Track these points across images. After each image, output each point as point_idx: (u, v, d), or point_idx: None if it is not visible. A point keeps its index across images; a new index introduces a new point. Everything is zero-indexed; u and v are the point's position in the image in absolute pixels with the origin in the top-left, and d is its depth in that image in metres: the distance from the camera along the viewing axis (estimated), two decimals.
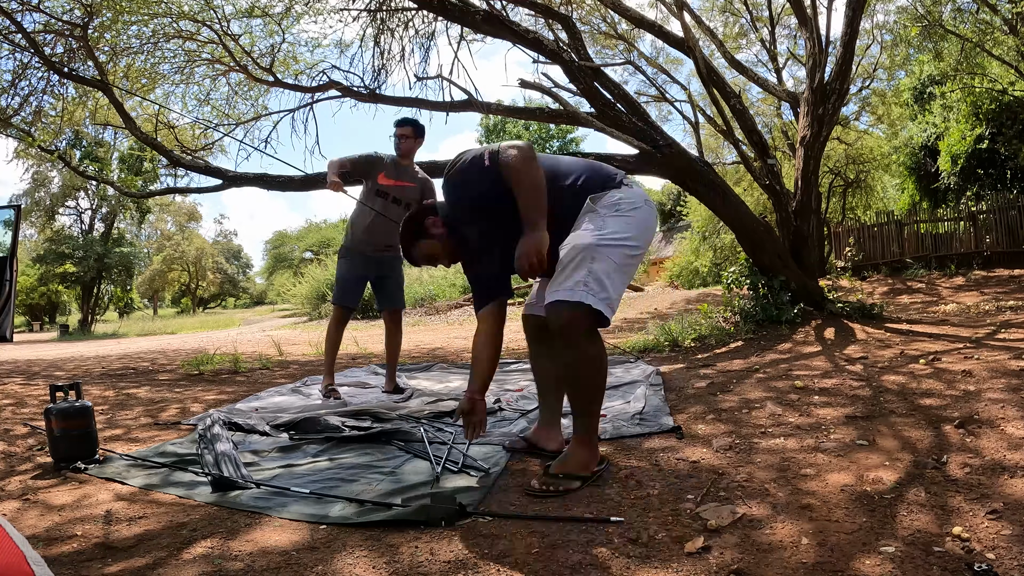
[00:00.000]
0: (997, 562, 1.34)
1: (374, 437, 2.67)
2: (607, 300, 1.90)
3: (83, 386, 3.57)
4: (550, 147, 33.15)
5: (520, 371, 4.54)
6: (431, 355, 6.13)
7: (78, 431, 2.43)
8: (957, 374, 3.08)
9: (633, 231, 2.00)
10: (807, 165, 6.27)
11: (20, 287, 26.72)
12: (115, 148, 15.38)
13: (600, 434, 2.50)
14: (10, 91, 7.05)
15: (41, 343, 16.20)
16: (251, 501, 1.97)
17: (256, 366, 5.65)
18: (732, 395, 3.12)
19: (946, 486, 1.78)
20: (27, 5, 6.33)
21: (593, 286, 1.88)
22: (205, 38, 7.25)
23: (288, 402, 3.70)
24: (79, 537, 1.75)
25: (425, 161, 6.07)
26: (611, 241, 1.94)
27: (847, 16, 6.04)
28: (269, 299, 43.64)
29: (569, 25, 5.92)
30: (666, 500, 1.82)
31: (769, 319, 5.32)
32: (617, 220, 1.99)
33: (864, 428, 2.38)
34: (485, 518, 1.75)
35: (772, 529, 1.59)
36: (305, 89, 7.08)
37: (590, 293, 1.87)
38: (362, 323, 14.57)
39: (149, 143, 6.80)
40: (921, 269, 11.25)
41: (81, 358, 8.19)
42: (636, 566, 1.43)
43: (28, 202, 25.13)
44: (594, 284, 1.88)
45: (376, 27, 7.35)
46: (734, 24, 14.01)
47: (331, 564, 1.52)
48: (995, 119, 11.87)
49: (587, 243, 1.93)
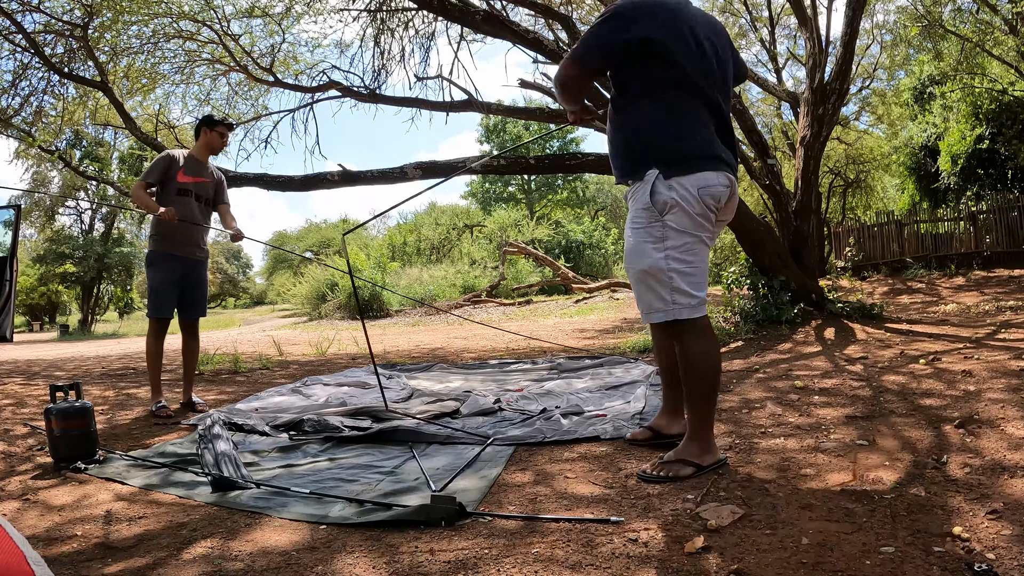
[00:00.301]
0: (997, 562, 1.34)
1: (374, 437, 2.67)
2: (690, 305, 1.95)
3: (83, 386, 3.58)
4: (550, 147, 33.16)
5: (520, 371, 4.54)
6: (431, 355, 6.13)
7: (78, 431, 2.43)
8: (957, 374, 3.08)
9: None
10: (807, 165, 6.27)
11: (20, 287, 26.73)
12: (115, 148, 15.38)
13: (600, 434, 2.51)
14: (10, 91, 7.06)
15: (41, 343, 16.20)
16: (251, 501, 1.97)
17: (256, 366, 5.65)
18: (732, 395, 3.12)
19: (946, 486, 1.78)
20: (27, 5, 6.34)
21: (680, 300, 1.95)
22: (205, 38, 7.26)
23: (288, 402, 3.69)
24: (79, 537, 1.75)
25: (425, 161, 6.08)
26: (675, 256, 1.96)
27: (847, 16, 6.04)
28: (269, 299, 43.63)
29: (569, 25, 5.92)
30: (666, 500, 1.82)
31: (769, 319, 5.32)
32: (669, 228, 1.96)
33: (864, 428, 2.38)
34: (485, 518, 1.75)
35: (772, 529, 1.59)
36: (305, 89, 7.09)
37: (680, 309, 1.96)
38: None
39: (149, 143, 6.80)
40: (921, 269, 11.25)
41: (81, 358, 8.19)
42: (636, 566, 1.43)
43: (28, 202, 25.12)
44: (680, 298, 1.95)
45: (376, 27, 7.36)
46: (734, 24, 14.01)
47: (331, 564, 1.52)
48: (995, 119, 11.86)
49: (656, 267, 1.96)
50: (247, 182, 6.37)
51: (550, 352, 5.65)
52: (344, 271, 16.53)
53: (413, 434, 2.68)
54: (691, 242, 1.93)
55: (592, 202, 33.70)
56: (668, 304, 1.95)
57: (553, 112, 6.56)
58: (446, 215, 27.30)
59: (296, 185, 6.23)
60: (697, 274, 1.95)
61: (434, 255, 24.31)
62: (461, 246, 23.60)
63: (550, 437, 2.53)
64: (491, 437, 2.56)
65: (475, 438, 2.58)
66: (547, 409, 3.00)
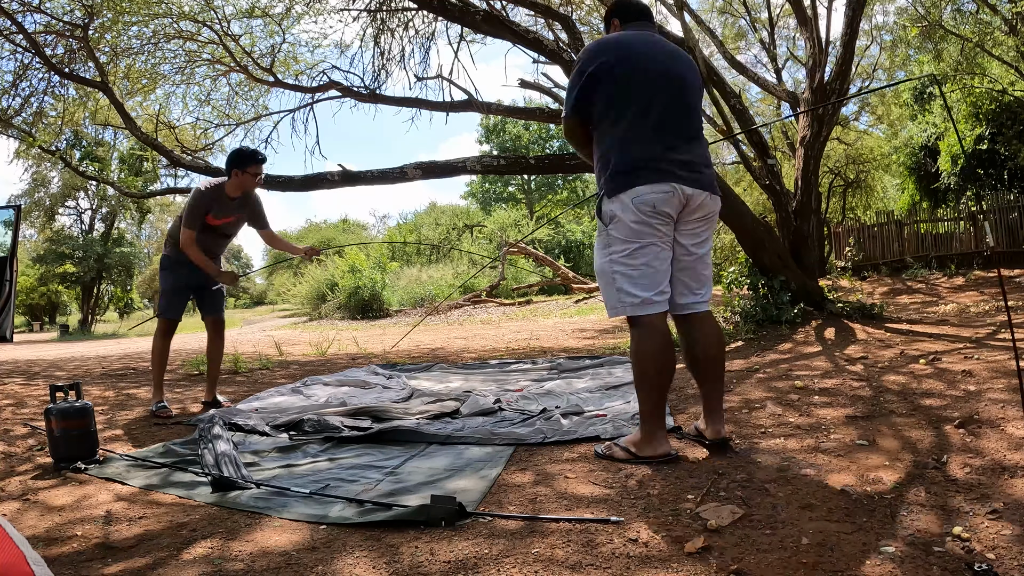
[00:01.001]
0: (997, 562, 1.34)
1: (374, 437, 2.67)
2: (632, 303, 2.14)
3: (83, 386, 3.57)
4: (550, 147, 33.15)
5: (520, 371, 4.54)
6: (431, 355, 6.13)
7: (78, 431, 2.43)
8: (957, 374, 3.08)
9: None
10: (807, 165, 6.27)
11: (20, 287, 26.73)
12: (115, 148, 15.39)
13: (601, 434, 2.51)
14: (11, 92, 7.06)
15: (41, 343, 16.20)
16: (251, 501, 1.97)
17: (256, 366, 5.65)
18: (732, 395, 3.12)
19: (946, 486, 1.78)
20: (28, 6, 6.34)
21: (624, 299, 2.15)
22: (205, 39, 7.26)
23: (288, 402, 3.69)
24: (79, 537, 1.75)
25: (425, 161, 6.09)
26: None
27: (847, 16, 6.04)
28: (269, 299, 43.62)
29: (569, 25, 5.92)
30: (666, 500, 1.82)
31: (769, 319, 5.32)
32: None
33: (864, 428, 2.38)
34: (485, 518, 1.75)
35: (772, 529, 1.59)
36: (305, 89, 7.10)
37: (625, 307, 2.16)
38: (363, 323, 14.58)
39: (149, 143, 6.81)
40: (921, 269, 11.25)
41: (81, 358, 8.19)
42: (636, 566, 1.43)
43: (28, 202, 25.12)
44: (624, 297, 2.15)
45: (376, 27, 7.36)
46: (733, 24, 14.01)
47: (331, 564, 1.52)
48: (995, 119, 11.87)
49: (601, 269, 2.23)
50: None
51: (550, 352, 5.65)
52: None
53: (413, 434, 2.68)
54: (635, 247, 2.11)
55: (592, 202, 33.69)
56: (616, 302, 2.16)
57: (553, 112, 6.56)
58: (446, 215, 27.31)
59: (296, 185, 6.23)
60: (640, 276, 2.12)
61: (434, 255, 24.32)
62: (461, 246, 23.62)
63: (550, 437, 2.53)
64: (491, 437, 2.56)
65: (475, 438, 2.58)
66: (547, 409, 3.00)
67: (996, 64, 11.57)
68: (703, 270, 2.25)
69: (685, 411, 2.89)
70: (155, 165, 9.68)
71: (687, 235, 2.19)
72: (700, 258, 2.23)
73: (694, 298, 2.25)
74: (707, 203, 2.18)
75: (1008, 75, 11.71)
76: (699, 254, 2.23)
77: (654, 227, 2.11)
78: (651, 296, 2.12)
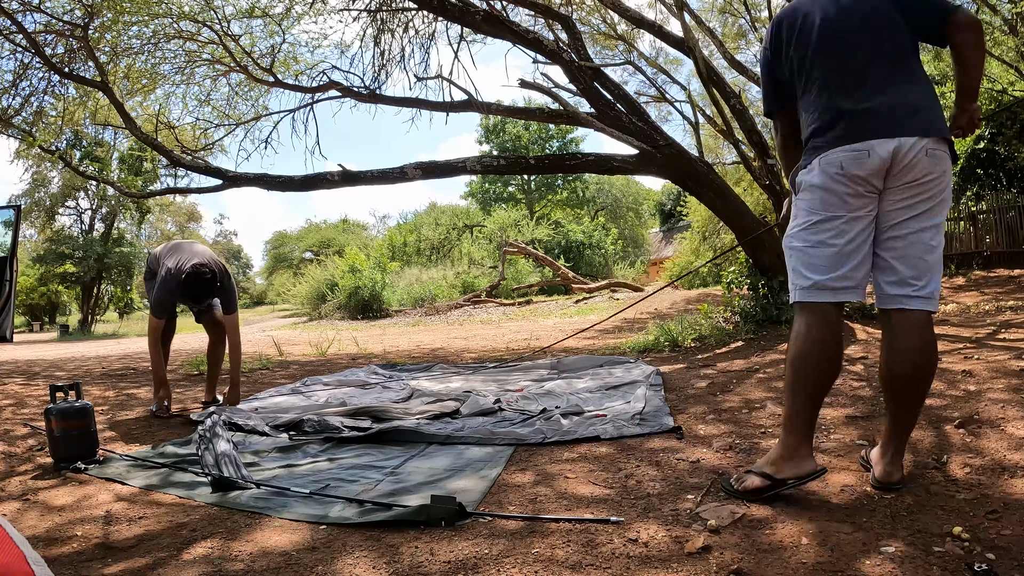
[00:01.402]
0: (997, 562, 1.34)
1: (374, 437, 2.67)
2: (800, 287, 1.83)
3: (83, 386, 3.58)
4: (550, 147, 33.16)
5: (521, 371, 4.54)
6: (431, 355, 6.13)
7: (78, 431, 2.43)
8: (958, 374, 3.08)
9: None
10: None
11: (20, 287, 26.74)
12: (115, 148, 15.38)
13: (601, 434, 2.51)
14: (11, 91, 7.06)
15: (41, 343, 16.20)
16: (251, 501, 1.97)
17: (256, 366, 5.65)
18: (733, 395, 3.12)
19: (946, 486, 1.78)
20: (28, 5, 6.34)
21: (795, 280, 1.86)
22: (205, 39, 7.25)
23: (288, 402, 3.69)
24: (79, 537, 1.75)
25: (425, 161, 6.08)
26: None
27: None
28: (269, 299, 43.63)
29: (569, 25, 5.92)
30: (666, 500, 1.82)
31: (769, 319, 5.32)
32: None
33: (865, 428, 2.38)
34: (485, 518, 1.75)
35: (772, 529, 1.59)
36: (305, 89, 7.09)
37: (795, 290, 1.87)
38: (362, 323, 14.58)
39: (149, 143, 6.80)
40: None
41: (81, 358, 8.19)
42: (636, 566, 1.43)
43: (28, 202, 25.12)
44: (795, 279, 1.86)
45: (376, 27, 7.36)
46: (733, 24, 14.00)
47: (331, 564, 1.52)
48: (995, 119, 11.86)
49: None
50: (247, 182, 6.37)
51: (550, 352, 5.65)
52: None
53: (413, 434, 2.68)
54: (816, 219, 1.77)
55: (592, 202, 33.70)
56: (790, 285, 1.87)
57: (553, 112, 6.56)
58: (446, 215, 27.31)
59: (296, 185, 6.22)
60: (816, 255, 1.76)
61: (434, 255, 24.32)
62: (461, 246, 23.62)
63: (550, 437, 2.53)
64: (491, 437, 2.56)
65: (475, 438, 2.58)
66: (547, 409, 3.00)
67: (996, 64, 11.57)
68: (923, 254, 1.72)
69: (685, 411, 2.89)
70: (155, 165, 9.67)
71: (898, 205, 1.72)
72: (916, 237, 1.71)
73: (905, 289, 1.73)
74: (920, 162, 1.67)
75: (1008, 75, 11.71)
76: (913, 230, 1.71)
77: (840, 196, 1.73)
78: (825, 280, 1.74)
